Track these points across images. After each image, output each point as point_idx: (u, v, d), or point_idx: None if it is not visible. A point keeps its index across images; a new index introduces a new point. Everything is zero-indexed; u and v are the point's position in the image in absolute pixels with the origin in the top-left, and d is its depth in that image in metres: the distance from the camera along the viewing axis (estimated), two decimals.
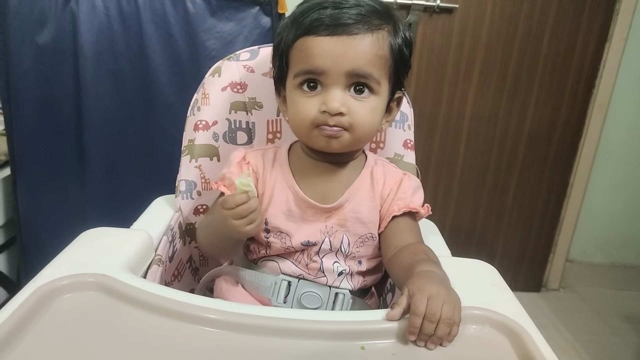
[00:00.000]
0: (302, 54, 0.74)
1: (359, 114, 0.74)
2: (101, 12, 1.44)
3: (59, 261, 0.70)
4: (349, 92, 0.74)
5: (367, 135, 0.79)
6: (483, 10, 1.75)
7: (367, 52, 0.72)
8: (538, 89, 1.86)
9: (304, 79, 0.75)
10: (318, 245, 0.81)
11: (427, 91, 1.84)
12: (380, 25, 0.74)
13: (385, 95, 0.78)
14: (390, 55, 0.75)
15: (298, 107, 0.76)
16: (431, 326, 0.57)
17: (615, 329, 1.93)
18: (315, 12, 0.72)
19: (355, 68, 0.72)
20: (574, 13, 1.77)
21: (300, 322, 0.61)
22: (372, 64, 0.73)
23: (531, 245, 2.12)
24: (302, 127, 0.77)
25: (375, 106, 0.76)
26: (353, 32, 0.71)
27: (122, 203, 1.49)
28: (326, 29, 0.71)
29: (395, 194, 0.82)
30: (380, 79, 0.75)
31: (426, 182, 1.95)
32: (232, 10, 1.46)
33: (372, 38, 0.73)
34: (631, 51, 1.88)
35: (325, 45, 0.72)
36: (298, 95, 0.76)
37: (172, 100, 1.51)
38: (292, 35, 0.75)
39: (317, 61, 0.72)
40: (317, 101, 0.74)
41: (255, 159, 0.85)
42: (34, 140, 1.54)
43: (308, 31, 0.73)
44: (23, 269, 1.68)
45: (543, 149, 1.96)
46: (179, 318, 0.60)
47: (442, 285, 0.61)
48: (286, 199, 0.81)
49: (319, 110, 0.73)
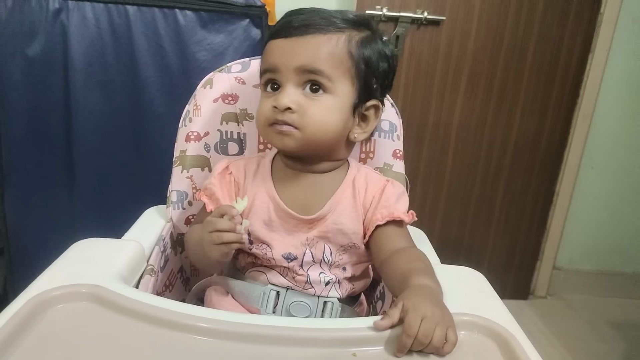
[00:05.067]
0: (265, 55, 0.79)
1: (309, 112, 0.74)
2: (92, 24, 1.44)
3: (51, 272, 0.70)
4: (304, 91, 0.75)
5: (321, 134, 0.76)
6: (469, 22, 1.78)
7: (317, 50, 0.74)
8: (524, 99, 1.89)
9: (266, 79, 0.78)
10: (300, 258, 0.80)
11: (415, 101, 1.86)
12: (341, 29, 0.76)
13: (345, 96, 0.77)
14: (349, 59, 0.76)
15: (259, 105, 0.79)
16: (421, 347, 0.57)
17: (602, 336, 1.94)
18: (285, 19, 0.78)
19: (303, 64, 0.74)
20: (558, 25, 1.81)
21: (292, 329, 0.61)
22: (323, 61, 0.74)
23: (518, 253, 2.13)
24: (260, 125, 0.80)
25: (330, 105, 0.76)
26: (307, 32, 0.75)
27: (112, 214, 1.49)
28: (286, 32, 0.76)
29: (379, 201, 0.81)
30: (333, 78, 0.75)
31: (414, 191, 1.96)
32: (222, 22, 1.48)
33: (323, 38, 0.75)
34: (614, 62, 1.91)
35: (280, 44, 0.76)
36: (261, 96, 0.80)
37: (162, 111, 1.52)
38: (265, 42, 0.81)
39: (272, 59, 0.77)
40: (272, 100, 0.76)
41: (237, 170, 0.86)
42: (23, 151, 1.54)
43: (271, 36, 0.78)
44: (10, 281, 1.66)
45: (529, 158, 1.98)
46: (172, 327, 0.60)
47: (436, 305, 0.60)
48: (267, 209, 0.81)
49: (271, 108, 0.76)
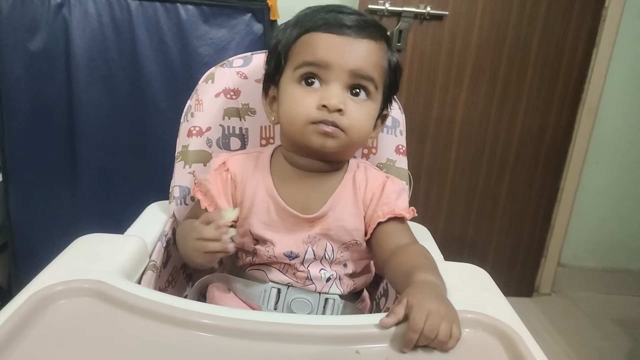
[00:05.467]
0: (307, 47, 0.74)
1: (355, 116, 0.73)
2: (94, 18, 1.44)
3: (54, 267, 0.70)
4: (347, 93, 0.74)
5: (361, 139, 0.78)
6: (473, 16, 1.77)
7: (371, 56, 0.74)
8: (528, 94, 1.88)
9: (305, 71, 0.74)
10: (301, 256, 0.80)
11: (419, 97, 1.85)
12: (381, 37, 0.76)
13: (378, 104, 0.78)
14: (388, 68, 0.78)
15: (295, 100, 0.74)
16: (427, 342, 0.57)
17: (606, 333, 1.94)
18: (321, 13, 0.75)
19: (359, 68, 0.73)
20: (562, 20, 1.79)
21: (295, 326, 0.61)
22: (374, 68, 0.74)
23: (523, 250, 2.13)
24: (297, 122, 0.74)
25: (371, 111, 0.77)
26: (360, 35, 0.73)
27: (115, 209, 1.48)
28: (334, 27, 0.73)
29: (379, 198, 0.80)
30: (378, 86, 0.76)
31: (418, 187, 1.96)
32: (224, 17, 1.47)
33: (375, 45, 0.75)
34: (619, 56, 1.90)
35: (333, 40, 0.73)
36: (295, 89, 0.75)
37: (164, 106, 1.52)
38: (296, 33, 0.76)
39: (324, 54, 0.72)
40: (316, 97, 0.72)
41: (235, 166, 0.84)
42: (25, 146, 1.54)
43: (316, 28, 0.74)
44: (14, 276, 1.67)
45: (533, 154, 1.97)
46: (174, 323, 0.60)
47: (441, 301, 0.60)
48: (267, 208, 0.80)
49: (317, 106, 0.72)
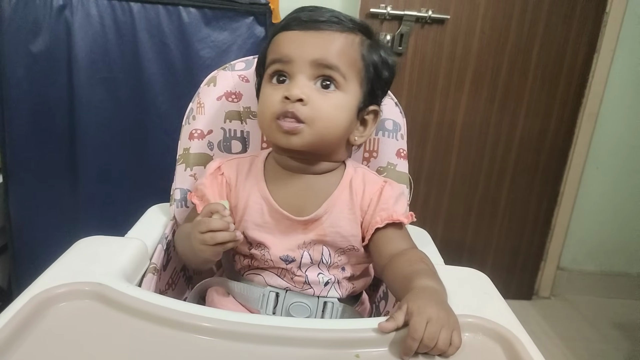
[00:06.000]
0: (274, 46, 0.78)
1: (319, 106, 0.73)
2: (96, 20, 1.44)
3: (55, 270, 0.70)
4: (315, 85, 0.74)
5: (329, 132, 0.76)
6: (474, 21, 1.77)
7: (334, 45, 0.75)
8: (528, 98, 1.88)
9: (274, 69, 0.76)
10: (298, 260, 0.80)
11: (419, 101, 1.85)
12: (352, 30, 0.77)
13: (354, 95, 0.77)
14: (361, 61, 0.77)
15: (265, 97, 0.77)
16: (426, 350, 0.57)
17: (606, 336, 1.94)
18: (295, 14, 0.78)
19: (321, 57, 0.73)
20: (563, 24, 1.80)
21: (295, 330, 0.61)
22: (339, 57, 0.74)
23: (522, 254, 2.13)
24: (264, 118, 0.77)
25: (340, 103, 0.76)
26: (323, 28, 0.75)
27: (115, 211, 1.49)
28: (299, 24, 0.76)
29: (377, 204, 0.79)
30: (347, 75, 0.75)
31: (418, 191, 1.96)
32: (226, 19, 1.47)
33: (341, 36, 0.76)
34: (619, 62, 1.91)
35: (294, 36, 0.76)
36: (266, 87, 0.78)
37: (166, 108, 1.52)
38: (270, 35, 0.80)
39: (285, 49, 0.75)
40: (282, 91, 0.74)
41: (229, 170, 0.85)
42: (26, 148, 1.54)
43: (283, 28, 0.77)
44: (14, 277, 1.67)
45: (533, 158, 1.98)
46: (174, 326, 0.60)
47: (442, 308, 0.60)
48: (260, 209, 0.80)
49: (280, 99, 0.74)
